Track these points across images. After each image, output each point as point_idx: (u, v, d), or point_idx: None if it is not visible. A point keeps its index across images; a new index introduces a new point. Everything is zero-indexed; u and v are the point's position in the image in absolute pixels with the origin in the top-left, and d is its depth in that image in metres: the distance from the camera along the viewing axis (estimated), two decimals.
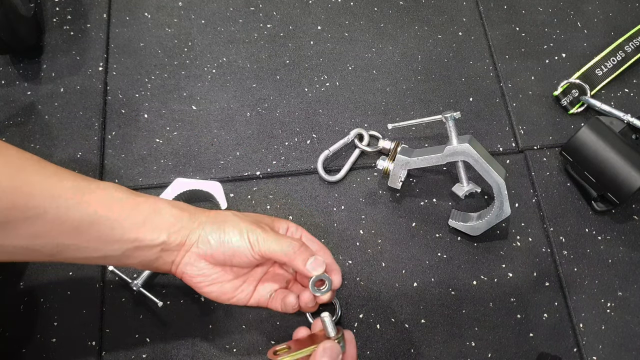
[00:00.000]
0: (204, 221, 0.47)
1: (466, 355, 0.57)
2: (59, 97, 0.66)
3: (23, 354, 0.55)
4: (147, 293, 0.56)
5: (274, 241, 0.47)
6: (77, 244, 0.43)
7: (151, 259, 0.46)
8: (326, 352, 0.44)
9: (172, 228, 0.46)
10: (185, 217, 0.47)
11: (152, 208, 0.46)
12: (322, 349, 0.44)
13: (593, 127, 0.61)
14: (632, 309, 0.59)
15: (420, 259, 0.61)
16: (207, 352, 0.56)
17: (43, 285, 0.57)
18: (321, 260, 0.47)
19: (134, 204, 0.45)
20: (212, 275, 0.48)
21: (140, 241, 0.45)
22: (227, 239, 0.47)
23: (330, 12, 0.73)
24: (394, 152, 0.62)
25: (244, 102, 0.67)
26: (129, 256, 0.45)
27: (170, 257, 0.47)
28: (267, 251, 0.47)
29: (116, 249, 0.44)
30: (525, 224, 0.63)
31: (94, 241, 0.44)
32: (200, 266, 0.47)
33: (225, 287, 0.49)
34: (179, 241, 0.46)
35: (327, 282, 0.47)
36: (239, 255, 0.47)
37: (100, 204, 0.44)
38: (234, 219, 0.48)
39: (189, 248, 0.47)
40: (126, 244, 0.45)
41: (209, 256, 0.47)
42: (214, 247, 0.46)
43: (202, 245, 0.47)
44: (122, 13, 0.72)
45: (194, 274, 0.48)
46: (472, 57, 0.71)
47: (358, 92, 0.69)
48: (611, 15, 0.75)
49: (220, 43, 0.71)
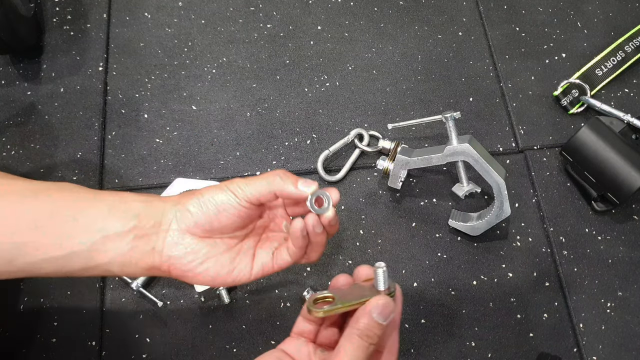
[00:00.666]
0: (177, 199, 0.44)
1: (466, 355, 0.57)
2: (59, 97, 0.66)
3: (23, 354, 0.55)
4: (147, 293, 0.56)
5: (256, 180, 0.43)
6: (36, 241, 0.39)
7: (125, 251, 0.41)
8: (378, 309, 0.38)
9: (141, 211, 0.42)
10: (154, 200, 0.43)
11: (116, 197, 0.43)
12: (375, 305, 0.38)
13: (593, 127, 0.61)
14: (632, 309, 0.59)
15: (420, 259, 0.61)
16: (207, 352, 0.56)
17: (43, 285, 0.57)
18: (310, 180, 0.44)
19: (95, 195, 0.42)
20: (203, 250, 0.43)
21: (107, 229, 0.41)
22: (207, 197, 0.43)
23: (330, 12, 0.73)
24: (394, 152, 0.62)
25: (244, 102, 0.67)
26: (98, 250, 0.41)
27: (149, 244, 0.42)
28: (254, 192, 0.43)
29: (82, 242, 0.40)
30: (525, 224, 0.63)
31: (55, 236, 0.40)
32: (187, 242, 0.43)
33: (221, 259, 0.44)
34: (152, 222, 0.42)
35: (325, 197, 0.44)
36: (225, 210, 0.42)
37: (61, 195, 0.40)
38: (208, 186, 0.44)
39: (168, 227, 0.42)
40: (92, 235, 0.40)
41: (192, 227, 0.42)
42: (196, 214, 0.42)
43: (182, 219, 0.42)
44: (122, 13, 0.72)
45: (182, 254, 0.43)
46: (472, 57, 0.71)
47: (358, 92, 0.69)
48: (611, 15, 0.75)
49: (220, 43, 0.71)
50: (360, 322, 0.38)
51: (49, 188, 0.42)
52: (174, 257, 0.43)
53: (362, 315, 0.38)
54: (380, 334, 0.38)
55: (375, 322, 0.38)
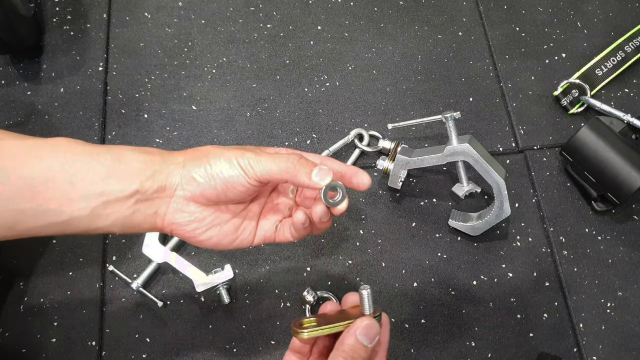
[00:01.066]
0: (182, 160, 0.42)
1: (466, 355, 0.57)
2: (59, 97, 0.66)
3: (23, 354, 0.55)
4: (147, 293, 0.56)
5: (269, 160, 0.41)
6: (34, 207, 0.38)
7: (127, 215, 0.40)
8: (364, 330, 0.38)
9: (142, 174, 0.40)
10: (156, 160, 0.41)
11: (114, 156, 0.40)
12: (360, 326, 0.38)
13: (593, 127, 0.61)
14: (632, 309, 0.59)
15: (420, 259, 0.61)
16: (207, 352, 0.56)
17: (43, 285, 0.57)
18: (326, 169, 0.41)
19: (91, 153, 0.40)
20: (207, 218, 0.43)
21: (107, 194, 0.39)
22: (216, 171, 0.41)
23: (330, 12, 0.73)
24: (394, 152, 0.62)
25: (244, 102, 0.67)
26: (100, 215, 0.39)
27: (151, 208, 0.41)
28: (264, 173, 0.41)
29: (81, 207, 0.39)
30: (525, 224, 0.63)
31: (53, 202, 0.38)
32: (191, 210, 0.42)
33: (224, 228, 0.44)
34: (156, 187, 0.40)
35: (340, 189, 0.43)
36: (233, 186, 0.41)
37: (53, 157, 0.38)
38: (215, 150, 0.42)
39: (173, 192, 0.41)
40: (92, 200, 0.39)
41: (198, 196, 0.41)
42: (203, 184, 0.41)
43: (188, 186, 0.41)
44: (122, 13, 0.72)
45: (186, 221, 0.42)
46: (472, 57, 0.71)
47: (358, 92, 0.69)
48: (611, 15, 0.75)
49: (220, 43, 0.71)
50: (345, 343, 0.38)
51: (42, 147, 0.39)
52: (177, 222, 0.42)
53: (347, 336, 0.38)
54: (365, 356, 0.38)
55: (359, 344, 0.38)
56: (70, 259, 0.59)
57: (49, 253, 0.59)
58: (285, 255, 0.60)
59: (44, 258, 0.59)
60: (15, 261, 0.58)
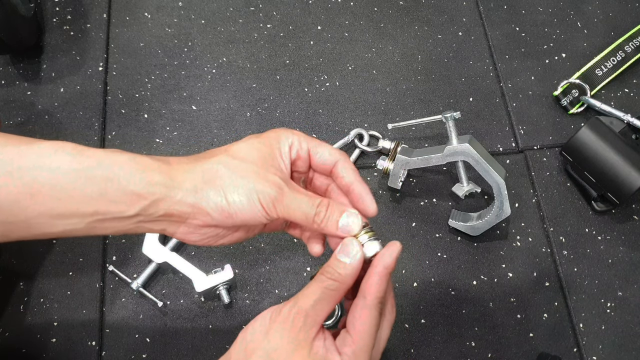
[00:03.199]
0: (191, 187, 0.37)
1: (466, 355, 0.57)
2: (59, 97, 0.66)
3: (23, 354, 0.55)
4: (147, 293, 0.56)
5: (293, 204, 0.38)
6: (24, 220, 0.36)
7: (129, 229, 0.38)
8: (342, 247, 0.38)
9: (142, 201, 0.36)
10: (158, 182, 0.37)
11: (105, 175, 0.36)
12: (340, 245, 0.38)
13: (593, 127, 0.61)
14: (632, 309, 0.59)
15: (420, 259, 0.61)
16: (207, 352, 0.56)
17: (43, 285, 0.57)
18: (355, 213, 0.39)
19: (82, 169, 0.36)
20: (220, 233, 0.40)
21: (102, 214, 0.36)
22: (234, 209, 0.37)
23: (330, 12, 0.73)
24: (394, 152, 0.62)
25: (244, 102, 0.67)
26: (97, 228, 0.37)
27: (158, 225, 0.38)
28: (286, 216, 0.38)
29: (75, 222, 0.36)
30: (525, 224, 0.63)
31: (42, 217, 0.36)
32: (203, 232, 0.39)
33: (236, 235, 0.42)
34: (160, 213, 0.37)
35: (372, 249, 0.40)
36: (250, 220, 0.38)
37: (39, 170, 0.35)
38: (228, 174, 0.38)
39: (184, 220, 0.38)
40: (85, 218, 0.36)
41: (212, 224, 0.39)
42: (217, 218, 0.38)
43: (201, 217, 0.38)
44: (122, 13, 0.72)
45: (197, 240, 0.40)
46: (472, 57, 0.71)
47: (358, 92, 0.69)
48: (611, 15, 0.75)
49: (220, 43, 0.71)
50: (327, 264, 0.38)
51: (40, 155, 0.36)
52: (188, 239, 0.40)
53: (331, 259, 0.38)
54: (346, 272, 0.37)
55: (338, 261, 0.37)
56: (70, 259, 0.59)
57: (49, 253, 0.59)
58: (285, 255, 0.60)
59: (44, 258, 0.59)
60: (16, 261, 0.58)
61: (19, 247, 0.59)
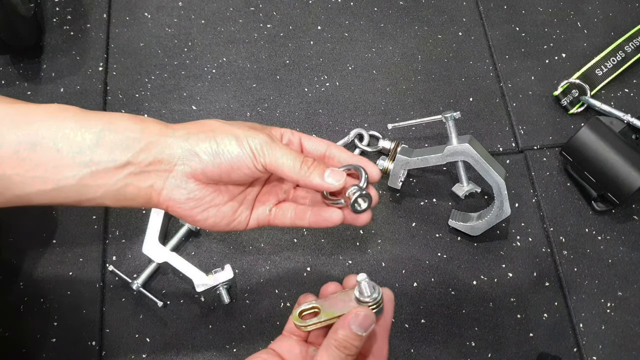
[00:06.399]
0: (184, 133, 0.39)
1: (466, 355, 0.57)
2: (59, 97, 0.66)
3: (23, 354, 0.55)
4: (147, 293, 0.56)
5: (283, 152, 0.39)
6: (21, 173, 0.37)
7: (118, 187, 0.38)
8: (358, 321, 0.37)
9: (136, 145, 0.38)
10: (153, 130, 0.38)
11: (105, 124, 0.38)
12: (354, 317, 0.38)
13: (593, 127, 0.60)
14: (632, 309, 0.59)
15: (420, 259, 0.61)
16: (207, 352, 0.56)
17: (43, 285, 0.57)
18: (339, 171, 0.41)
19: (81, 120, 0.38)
20: (206, 198, 0.40)
21: (95, 164, 0.37)
22: (223, 149, 0.38)
23: (330, 12, 0.73)
24: (394, 152, 0.62)
25: (244, 102, 0.67)
26: (88, 186, 0.38)
27: (146, 181, 0.39)
28: (273, 162, 0.39)
29: (69, 176, 0.37)
30: (525, 224, 0.63)
31: (40, 169, 0.37)
32: (190, 188, 0.40)
33: (222, 210, 0.42)
34: (151, 159, 0.38)
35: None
36: (238, 168, 0.39)
37: (42, 122, 0.37)
38: (223, 126, 0.40)
39: (172, 167, 0.39)
40: (79, 169, 0.37)
41: (199, 173, 0.39)
42: (206, 161, 0.39)
43: (189, 161, 0.38)
44: (122, 13, 0.72)
45: (184, 199, 0.40)
46: (472, 57, 0.71)
47: (358, 92, 0.69)
48: (611, 15, 0.75)
49: (220, 43, 0.71)
50: (339, 333, 0.38)
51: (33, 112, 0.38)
52: (175, 199, 0.40)
53: (340, 326, 0.38)
54: (358, 344, 0.38)
55: (353, 334, 0.38)
56: (70, 259, 0.59)
57: (49, 253, 0.59)
58: (285, 255, 0.60)
59: (44, 258, 0.59)
60: (15, 261, 0.58)
61: (19, 247, 0.59)
